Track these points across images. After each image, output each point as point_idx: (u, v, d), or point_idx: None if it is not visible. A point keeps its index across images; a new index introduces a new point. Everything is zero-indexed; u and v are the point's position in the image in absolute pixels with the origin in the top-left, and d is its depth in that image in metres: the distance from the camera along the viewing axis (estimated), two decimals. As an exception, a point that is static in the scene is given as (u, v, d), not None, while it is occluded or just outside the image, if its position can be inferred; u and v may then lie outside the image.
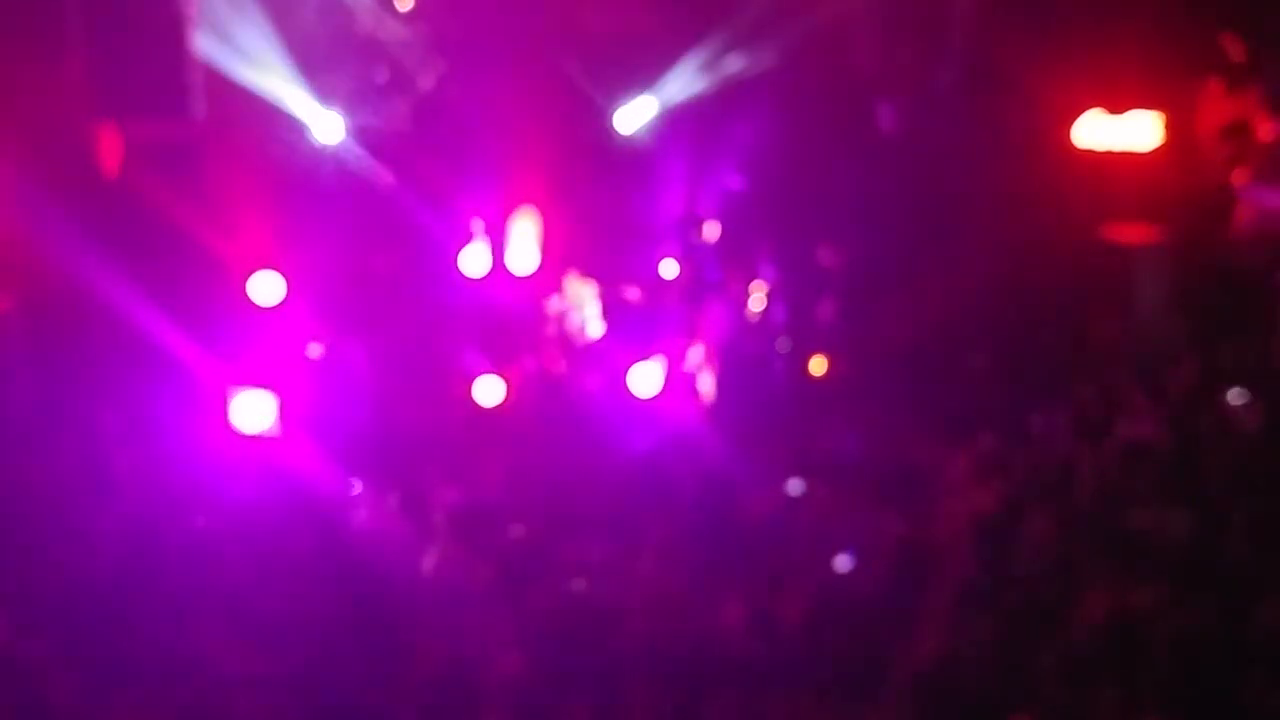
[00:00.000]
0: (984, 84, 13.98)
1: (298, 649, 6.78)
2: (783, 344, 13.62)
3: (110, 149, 12.33)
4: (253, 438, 10.33)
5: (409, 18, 14.08)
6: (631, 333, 13.60)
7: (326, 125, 13.52)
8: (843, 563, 7.95)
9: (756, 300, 14.04)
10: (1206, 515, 8.54)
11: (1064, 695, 6.38)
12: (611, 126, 14.63)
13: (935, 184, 14.59)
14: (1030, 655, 6.72)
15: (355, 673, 6.57)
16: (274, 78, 13.15)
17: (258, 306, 12.62)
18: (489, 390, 11.50)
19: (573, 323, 13.17)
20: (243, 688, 6.14)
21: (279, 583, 7.65)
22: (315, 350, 12.18)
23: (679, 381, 11.99)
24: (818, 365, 11.77)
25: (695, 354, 12.97)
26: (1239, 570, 7.57)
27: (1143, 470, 9.08)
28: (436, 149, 14.04)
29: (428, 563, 7.88)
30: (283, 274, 12.64)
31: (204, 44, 12.40)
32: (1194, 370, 10.89)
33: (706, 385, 12.30)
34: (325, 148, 13.61)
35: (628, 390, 11.83)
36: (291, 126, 13.44)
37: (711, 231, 14.11)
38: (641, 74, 14.47)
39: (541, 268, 13.76)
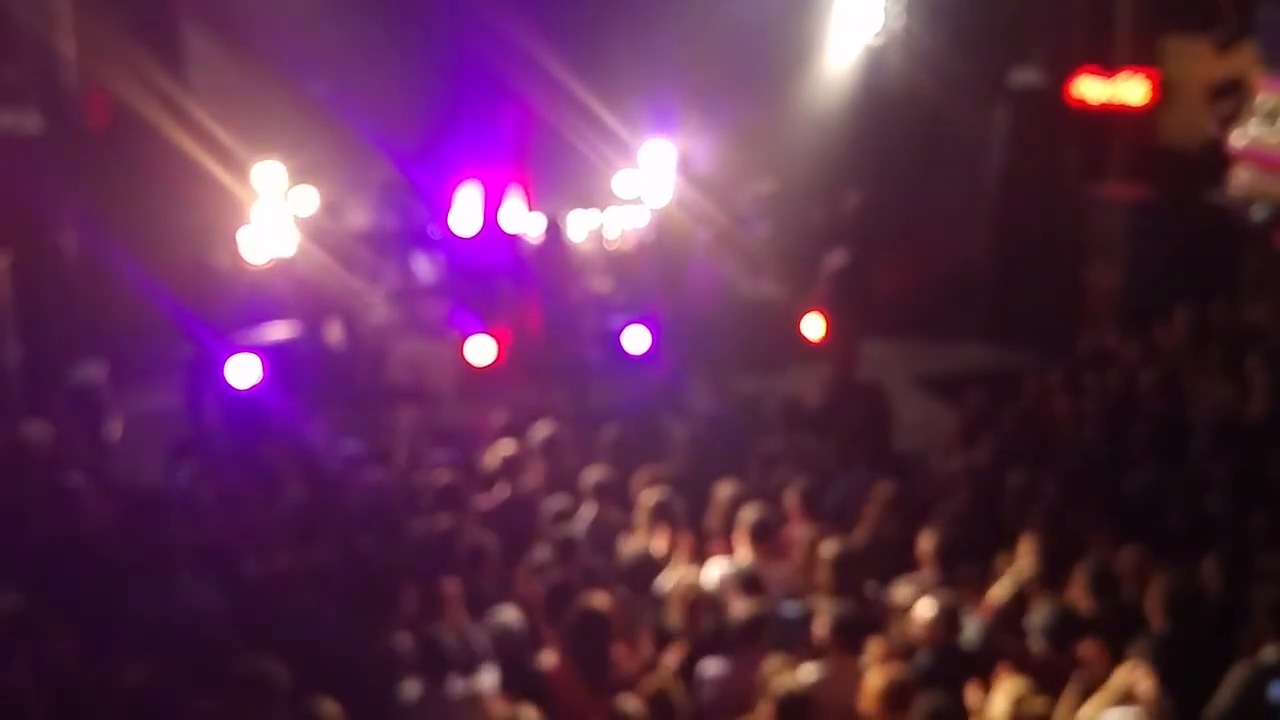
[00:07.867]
0: (977, 41, 13.96)
1: (292, 607, 6.81)
2: (778, 301, 13.62)
3: (101, 109, 12.32)
4: (245, 395, 10.33)
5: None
6: (623, 289, 13.60)
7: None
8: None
9: (746, 258, 14.06)
10: (1196, 471, 8.60)
11: (1053, 653, 6.43)
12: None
13: (928, 141, 14.59)
14: (1020, 614, 6.77)
15: (349, 632, 6.60)
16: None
17: (249, 265, 12.62)
18: (480, 349, 11.46)
19: (568, 280, 13.13)
20: (240, 648, 6.17)
21: (272, 541, 7.68)
22: (305, 311, 12.15)
23: (670, 338, 11.98)
24: (809, 323, 11.76)
25: (686, 310, 13.00)
26: (1228, 526, 7.62)
27: (1134, 426, 9.11)
28: (432, 106, 14.00)
29: (419, 522, 7.91)
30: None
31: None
32: (1186, 326, 10.91)
33: (696, 341, 12.28)
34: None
35: (621, 347, 11.82)
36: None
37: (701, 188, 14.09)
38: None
39: (534, 224, 13.71)
